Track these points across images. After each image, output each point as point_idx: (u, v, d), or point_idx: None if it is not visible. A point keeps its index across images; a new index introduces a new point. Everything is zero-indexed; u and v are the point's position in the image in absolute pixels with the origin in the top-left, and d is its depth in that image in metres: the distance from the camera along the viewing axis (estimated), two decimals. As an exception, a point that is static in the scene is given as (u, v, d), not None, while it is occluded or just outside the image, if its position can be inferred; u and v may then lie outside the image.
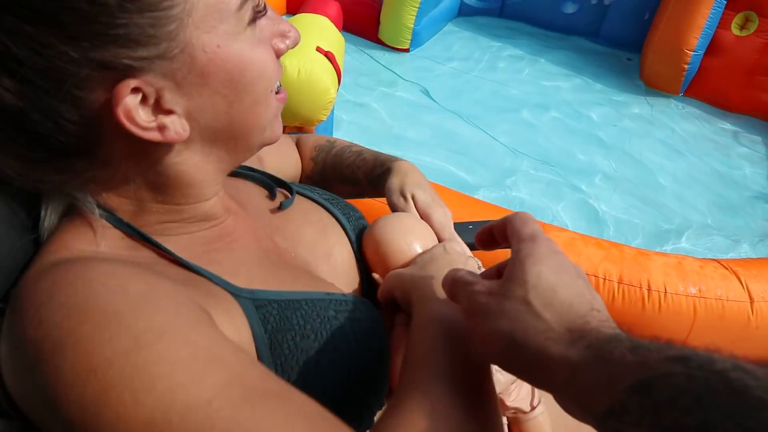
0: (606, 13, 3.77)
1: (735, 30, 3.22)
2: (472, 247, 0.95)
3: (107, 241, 0.53)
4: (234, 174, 0.72)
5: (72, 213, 0.54)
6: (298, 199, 0.75)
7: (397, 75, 3.14)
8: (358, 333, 0.60)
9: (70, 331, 0.42)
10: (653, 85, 3.38)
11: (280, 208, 0.72)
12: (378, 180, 0.89)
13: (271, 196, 0.74)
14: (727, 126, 3.16)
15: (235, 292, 0.55)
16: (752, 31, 3.20)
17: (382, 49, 3.37)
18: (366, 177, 0.91)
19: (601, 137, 2.88)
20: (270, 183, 0.75)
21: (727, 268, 1.73)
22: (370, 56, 3.28)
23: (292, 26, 0.58)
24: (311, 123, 1.91)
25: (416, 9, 3.22)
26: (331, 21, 2.22)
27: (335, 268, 0.72)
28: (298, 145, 0.98)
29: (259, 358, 0.54)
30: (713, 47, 3.22)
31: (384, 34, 3.38)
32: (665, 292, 1.63)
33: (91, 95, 0.46)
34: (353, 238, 0.76)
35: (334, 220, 0.76)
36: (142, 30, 0.45)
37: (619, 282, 1.64)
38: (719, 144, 2.98)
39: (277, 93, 0.59)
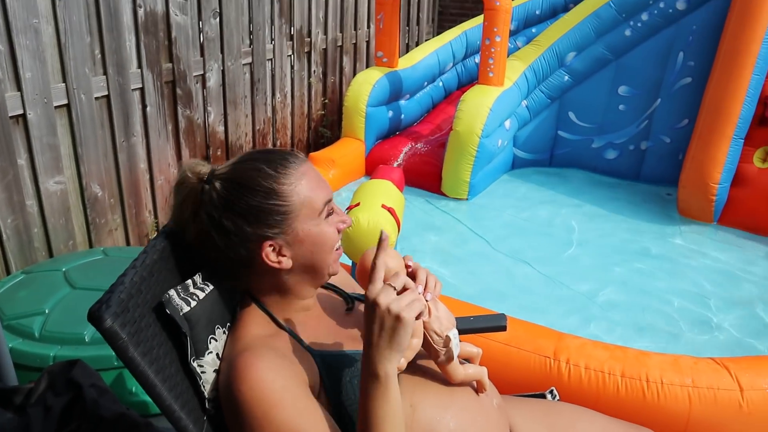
0: (644, 156, 4.28)
1: (757, 163, 3.64)
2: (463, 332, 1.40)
3: (261, 324, 1.10)
4: (325, 287, 1.28)
5: (248, 302, 1.13)
6: (358, 303, 1.29)
7: (457, 219, 3.73)
8: None
9: (252, 403, 0.95)
10: (689, 216, 3.77)
11: (348, 310, 1.25)
12: None
13: (345, 302, 1.28)
14: (760, 248, 3.49)
15: (311, 351, 1.08)
16: (773, 163, 3.60)
17: (444, 199, 3.99)
18: None
19: (640, 266, 3.28)
20: (347, 296, 1.29)
21: (719, 364, 2.08)
22: (434, 206, 3.90)
23: (348, 217, 1.16)
24: (377, 261, 2.48)
25: (471, 166, 3.86)
26: (395, 184, 2.84)
27: None
28: None
29: (322, 382, 1.05)
30: (738, 179, 3.63)
31: (445, 187, 4.02)
32: (662, 384, 2.00)
33: (254, 246, 1.06)
34: None
35: None
36: (277, 224, 1.06)
37: (622, 376, 2.02)
38: (750, 265, 3.31)
39: (336, 250, 1.15)
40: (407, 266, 1.08)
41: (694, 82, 3.97)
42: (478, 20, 5.07)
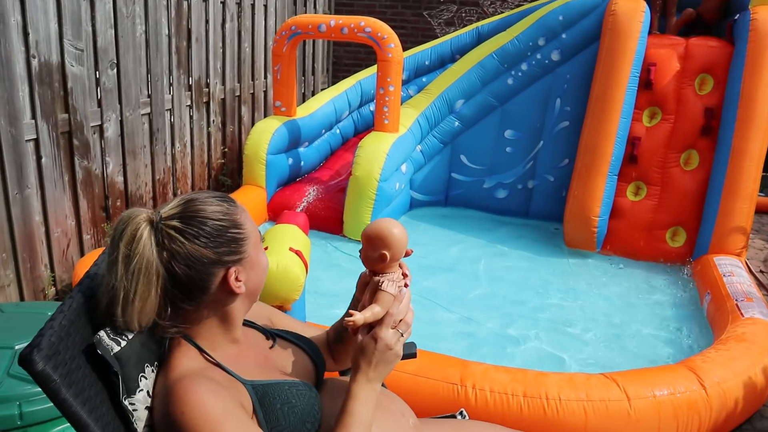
0: (531, 195, 4.59)
1: (630, 196, 4.01)
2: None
3: (193, 358, 1.13)
4: (246, 324, 1.33)
5: (177, 339, 1.16)
6: (279, 339, 1.35)
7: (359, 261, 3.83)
8: (300, 397, 1.17)
9: (196, 423, 0.99)
10: (575, 247, 4.08)
11: (272, 346, 1.31)
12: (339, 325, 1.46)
13: (266, 337, 1.33)
14: (637, 271, 3.83)
15: (243, 381, 1.13)
16: (644, 196, 3.99)
17: (346, 241, 4.10)
18: (333, 329, 1.48)
19: (531, 293, 3.51)
20: (268, 333, 1.35)
21: (608, 378, 2.27)
22: (336, 248, 4.00)
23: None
24: (288, 302, 2.52)
25: (371, 209, 4.00)
26: (300, 228, 2.92)
27: (297, 368, 1.30)
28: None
29: (255, 411, 1.11)
30: (615, 212, 3.99)
31: (347, 230, 4.13)
32: (560, 400, 2.16)
33: (219, 274, 1.12)
34: (309, 351, 1.34)
35: (295, 347, 1.35)
36: (238, 251, 1.14)
37: (524, 396, 2.17)
38: (631, 286, 3.63)
39: None
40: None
41: (571, 125, 4.35)
42: (372, 70, 5.31)
